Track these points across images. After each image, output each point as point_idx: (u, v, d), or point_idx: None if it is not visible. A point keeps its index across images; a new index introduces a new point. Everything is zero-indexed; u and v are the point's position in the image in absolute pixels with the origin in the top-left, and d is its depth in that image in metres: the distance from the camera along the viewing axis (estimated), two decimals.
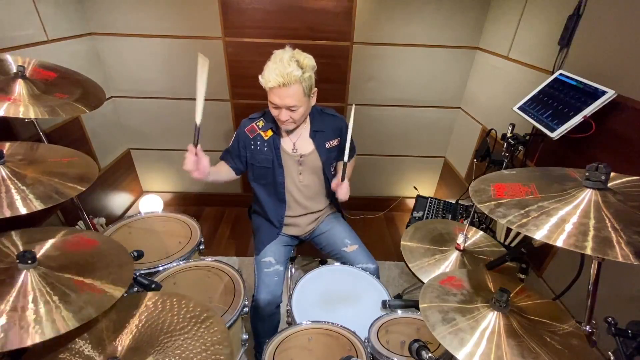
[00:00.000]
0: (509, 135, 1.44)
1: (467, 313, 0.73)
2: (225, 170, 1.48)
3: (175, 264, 1.30)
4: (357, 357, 0.98)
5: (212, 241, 2.37)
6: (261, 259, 1.45)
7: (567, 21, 1.33)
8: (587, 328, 0.72)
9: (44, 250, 0.85)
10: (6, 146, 1.03)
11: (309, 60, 1.28)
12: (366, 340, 1.05)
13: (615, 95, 1.08)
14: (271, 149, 1.42)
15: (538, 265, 1.45)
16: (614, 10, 1.16)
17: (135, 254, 1.11)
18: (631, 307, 1.04)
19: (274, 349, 1.04)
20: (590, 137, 1.13)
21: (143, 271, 1.26)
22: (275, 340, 1.06)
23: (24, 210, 0.81)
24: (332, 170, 1.54)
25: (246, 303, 1.19)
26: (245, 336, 1.29)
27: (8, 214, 0.79)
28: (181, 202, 2.69)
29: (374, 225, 2.62)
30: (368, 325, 1.10)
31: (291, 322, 1.18)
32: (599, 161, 0.66)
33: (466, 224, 1.26)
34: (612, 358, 0.74)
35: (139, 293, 1.08)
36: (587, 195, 0.66)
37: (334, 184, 1.37)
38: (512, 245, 1.40)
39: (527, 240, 1.11)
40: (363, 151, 2.45)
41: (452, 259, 1.14)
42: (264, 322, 1.38)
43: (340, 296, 1.28)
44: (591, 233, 0.59)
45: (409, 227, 1.29)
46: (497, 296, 0.72)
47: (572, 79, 1.24)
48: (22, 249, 0.84)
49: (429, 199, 1.95)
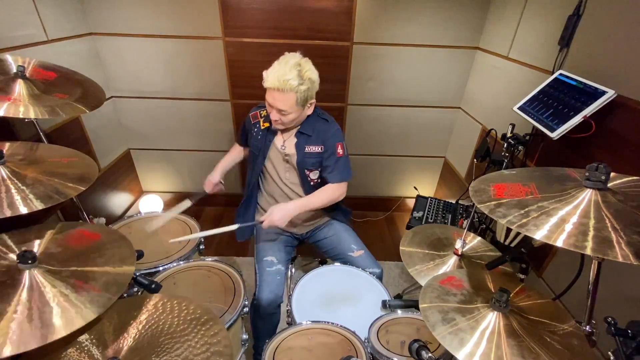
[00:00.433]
0: (509, 135, 1.44)
1: (467, 313, 0.73)
2: (235, 152, 1.69)
3: (175, 264, 1.31)
4: (357, 357, 0.98)
5: (212, 241, 2.37)
6: (262, 258, 1.45)
7: (567, 21, 1.33)
8: (587, 328, 0.72)
9: (44, 248, 0.85)
10: (6, 146, 1.02)
11: (311, 74, 1.28)
12: (366, 340, 1.05)
13: (615, 95, 1.08)
14: (263, 138, 1.47)
15: (538, 265, 1.45)
16: (614, 10, 1.16)
17: (135, 253, 1.11)
18: (631, 307, 1.04)
19: (274, 349, 1.04)
20: (590, 137, 1.13)
21: (143, 271, 1.26)
22: (275, 340, 1.06)
23: (24, 210, 0.81)
24: (312, 176, 1.49)
25: (246, 303, 1.19)
26: (245, 336, 1.29)
27: (8, 213, 0.79)
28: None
29: (374, 225, 2.62)
30: (368, 325, 1.10)
31: (291, 322, 1.18)
32: (599, 161, 0.67)
33: (465, 226, 1.27)
34: (612, 358, 0.74)
35: (139, 294, 1.08)
36: (587, 195, 0.66)
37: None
38: (512, 245, 1.40)
39: (527, 240, 1.11)
40: (363, 151, 2.45)
41: (450, 263, 1.14)
42: (264, 321, 1.38)
43: (340, 296, 1.28)
44: (591, 233, 0.59)
45: (407, 232, 1.30)
46: (497, 296, 0.72)
47: (572, 79, 1.23)
48: (16, 249, 0.84)
49: (429, 199, 1.95)
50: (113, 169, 2.26)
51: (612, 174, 0.71)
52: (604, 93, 1.09)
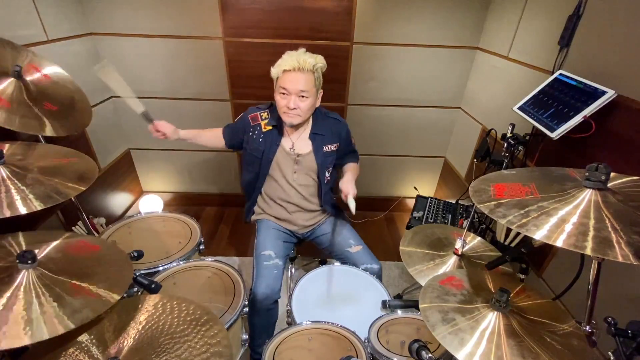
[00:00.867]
0: (509, 135, 1.44)
1: (467, 313, 0.73)
2: (214, 135, 1.57)
3: (175, 264, 1.30)
4: (357, 357, 0.98)
5: (212, 241, 2.37)
6: (260, 252, 1.45)
7: (567, 21, 1.33)
8: (587, 328, 0.72)
9: (45, 252, 0.85)
10: (6, 147, 1.02)
11: (320, 58, 1.35)
12: (366, 340, 1.05)
13: (615, 95, 1.08)
14: (266, 141, 1.45)
15: (538, 265, 1.45)
16: (614, 10, 1.16)
17: (135, 254, 1.11)
18: (631, 307, 1.04)
19: (274, 349, 1.04)
20: (590, 137, 1.13)
21: (143, 271, 1.26)
22: (275, 340, 1.06)
23: (23, 210, 0.81)
24: (327, 175, 1.54)
25: (246, 303, 1.19)
26: (245, 336, 1.29)
27: (8, 214, 0.79)
28: (181, 202, 2.69)
29: (374, 225, 2.62)
30: (368, 325, 1.10)
31: (291, 322, 1.18)
32: (599, 161, 0.66)
33: (465, 226, 1.27)
34: (612, 358, 0.74)
35: (139, 295, 1.08)
36: (587, 195, 0.66)
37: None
38: (512, 245, 1.40)
39: (527, 240, 1.11)
40: (363, 151, 2.44)
41: (450, 263, 1.14)
42: (260, 317, 1.37)
43: (340, 296, 1.28)
44: (591, 233, 0.59)
45: (407, 232, 1.30)
46: (497, 296, 0.72)
47: (572, 79, 1.23)
48: (25, 249, 0.84)
49: (429, 199, 1.95)
50: (113, 169, 2.26)
51: (612, 174, 0.71)
52: (604, 93, 1.09)
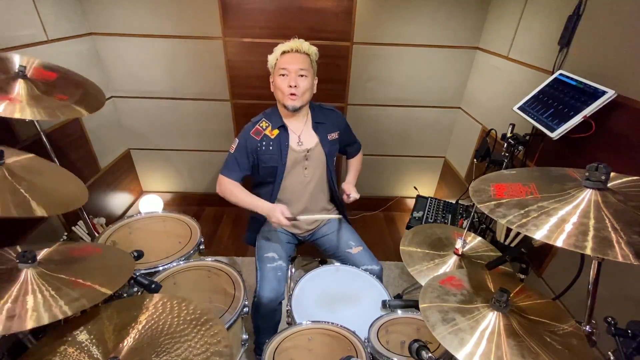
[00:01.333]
0: (509, 135, 1.44)
1: (467, 313, 0.73)
2: (243, 189, 1.46)
3: (175, 264, 1.30)
4: (357, 357, 0.98)
5: (212, 241, 2.37)
6: (263, 254, 1.45)
7: (567, 21, 1.33)
8: (587, 328, 0.72)
9: (45, 252, 0.86)
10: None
11: (315, 48, 1.41)
12: (366, 340, 1.05)
13: (615, 95, 1.08)
14: (277, 146, 1.43)
15: (538, 265, 1.45)
16: (614, 10, 1.16)
17: (135, 254, 1.11)
18: (631, 307, 1.04)
19: (274, 348, 1.04)
20: (590, 137, 1.13)
21: (143, 271, 1.26)
22: (275, 340, 1.05)
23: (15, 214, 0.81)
24: (333, 164, 1.56)
25: (246, 303, 1.19)
26: (245, 336, 1.29)
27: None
28: (181, 202, 2.69)
29: (374, 225, 2.62)
30: (368, 325, 1.10)
31: (291, 322, 1.18)
32: (599, 161, 0.66)
33: (465, 226, 1.27)
34: (612, 358, 0.74)
35: (139, 294, 1.08)
36: (587, 195, 0.66)
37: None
38: (512, 245, 1.40)
39: (527, 240, 1.11)
40: (363, 151, 2.45)
41: (450, 263, 1.14)
42: (265, 319, 1.37)
43: (340, 296, 1.28)
44: (591, 233, 0.59)
45: (407, 232, 1.30)
46: (497, 296, 0.72)
47: (572, 79, 1.23)
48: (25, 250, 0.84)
49: (429, 199, 1.95)
50: (113, 169, 2.26)
51: (612, 174, 0.71)
52: (604, 93, 1.09)
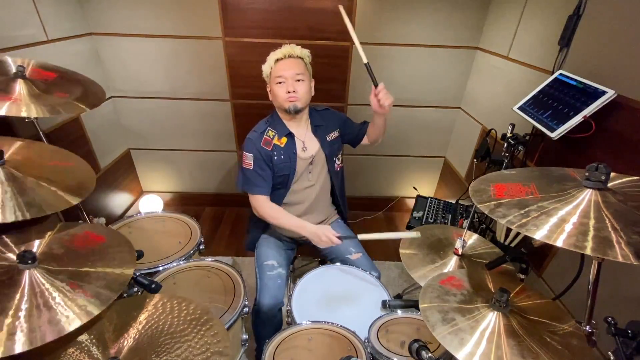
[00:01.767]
0: (509, 135, 1.44)
1: (467, 313, 0.73)
2: (278, 207, 1.44)
3: (175, 264, 1.30)
4: (357, 357, 0.98)
5: (212, 241, 2.37)
6: (263, 262, 1.45)
7: (567, 21, 1.33)
8: (587, 328, 0.72)
9: (44, 247, 0.85)
10: (13, 145, 1.02)
11: (306, 50, 1.41)
12: (366, 340, 1.05)
13: (615, 95, 1.08)
14: (287, 155, 1.42)
15: (538, 265, 1.45)
16: (614, 10, 1.16)
17: (135, 254, 1.11)
18: (631, 307, 1.04)
19: (274, 349, 1.04)
20: (590, 137, 1.13)
21: (143, 271, 1.26)
22: (275, 340, 1.06)
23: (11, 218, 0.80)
24: (338, 162, 1.55)
25: (246, 303, 1.19)
26: (245, 336, 1.29)
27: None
28: (181, 202, 2.69)
29: (374, 225, 2.61)
30: (368, 325, 1.10)
31: (291, 322, 1.18)
32: (599, 161, 0.66)
33: (465, 226, 1.27)
34: (612, 358, 0.74)
35: (139, 294, 1.08)
36: (587, 195, 0.66)
37: (372, 95, 1.39)
38: (512, 245, 1.40)
39: (527, 240, 1.11)
40: (363, 151, 2.45)
41: (450, 264, 1.14)
42: (265, 325, 1.37)
43: (340, 296, 1.28)
44: (591, 233, 0.59)
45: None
46: (497, 296, 0.72)
47: (572, 79, 1.23)
48: (16, 249, 0.84)
49: (429, 199, 1.95)
50: (113, 169, 2.26)
51: (612, 174, 0.71)
52: (604, 93, 1.09)
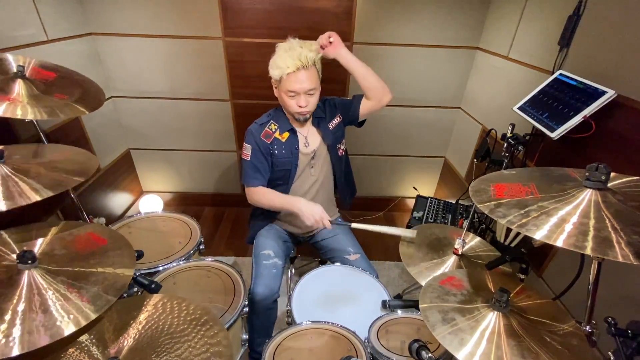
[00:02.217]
0: (509, 135, 1.44)
1: (467, 313, 0.73)
2: (272, 193, 1.43)
3: (175, 264, 1.30)
4: (357, 357, 0.98)
5: (212, 241, 2.36)
6: (260, 251, 1.45)
7: (567, 21, 1.33)
8: (587, 328, 0.73)
9: (45, 247, 0.86)
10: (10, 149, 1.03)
11: (314, 45, 1.32)
12: (366, 340, 1.05)
13: (615, 95, 1.08)
14: (289, 150, 1.42)
15: (538, 265, 1.45)
16: (614, 10, 1.16)
17: (135, 254, 1.11)
18: (631, 307, 1.04)
19: (274, 349, 1.04)
20: (590, 137, 1.13)
21: (143, 271, 1.26)
22: (275, 340, 1.06)
23: (36, 197, 0.84)
24: (341, 147, 1.54)
25: (246, 303, 1.19)
26: (245, 336, 1.29)
27: (22, 202, 0.82)
28: (181, 202, 2.69)
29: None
30: (368, 325, 1.10)
31: (291, 322, 1.18)
32: (599, 161, 0.66)
33: (465, 227, 1.27)
34: (612, 358, 0.74)
35: (139, 294, 1.08)
36: (587, 195, 0.66)
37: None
38: (512, 245, 1.40)
39: (527, 240, 1.11)
40: (363, 151, 2.45)
41: (449, 263, 1.14)
42: (259, 317, 1.37)
43: (340, 296, 1.28)
44: (591, 233, 0.59)
45: None
46: (497, 296, 0.72)
47: (572, 79, 1.23)
48: (17, 248, 0.85)
49: (429, 199, 1.95)
50: (113, 169, 2.26)
51: (612, 174, 0.71)
52: (604, 93, 1.09)
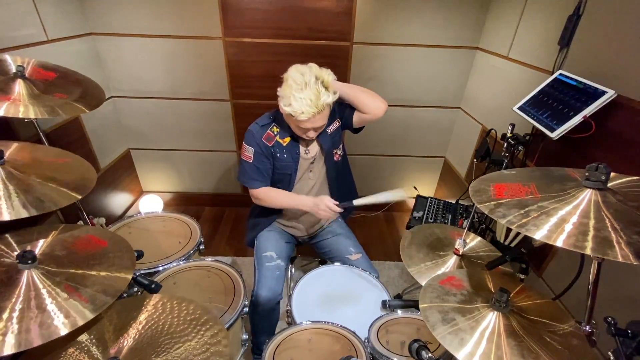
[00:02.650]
0: (509, 135, 1.44)
1: (467, 313, 0.73)
2: (274, 192, 1.45)
3: (175, 264, 1.31)
4: (357, 357, 0.98)
5: (212, 241, 2.37)
6: (262, 253, 1.45)
7: (567, 21, 1.33)
8: (587, 328, 0.72)
9: (46, 248, 0.85)
10: (11, 146, 1.02)
11: (329, 76, 1.26)
12: (366, 340, 1.05)
13: (615, 95, 1.08)
14: (290, 155, 1.41)
15: (538, 265, 1.45)
16: (614, 10, 1.16)
17: (135, 254, 1.11)
18: (631, 307, 1.04)
19: (274, 349, 1.04)
20: (590, 137, 1.13)
21: (143, 271, 1.26)
22: (275, 340, 1.06)
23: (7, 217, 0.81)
24: (338, 152, 1.52)
25: (246, 303, 1.19)
26: (245, 336, 1.29)
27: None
28: (181, 202, 2.69)
29: (374, 225, 2.62)
30: (368, 325, 1.10)
31: (291, 322, 1.18)
32: (599, 161, 0.66)
33: (465, 226, 1.27)
34: (612, 358, 0.74)
35: (139, 294, 1.08)
36: (587, 195, 0.66)
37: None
38: (512, 245, 1.40)
39: (527, 240, 1.11)
40: (363, 151, 2.45)
41: (450, 263, 1.14)
42: (262, 318, 1.38)
43: (340, 296, 1.28)
44: (591, 233, 0.59)
45: (407, 232, 1.30)
46: (497, 296, 0.72)
47: (572, 79, 1.23)
48: (18, 248, 0.84)
49: (429, 199, 1.94)
50: (113, 169, 2.26)
51: (612, 174, 0.71)
52: (604, 93, 1.09)
